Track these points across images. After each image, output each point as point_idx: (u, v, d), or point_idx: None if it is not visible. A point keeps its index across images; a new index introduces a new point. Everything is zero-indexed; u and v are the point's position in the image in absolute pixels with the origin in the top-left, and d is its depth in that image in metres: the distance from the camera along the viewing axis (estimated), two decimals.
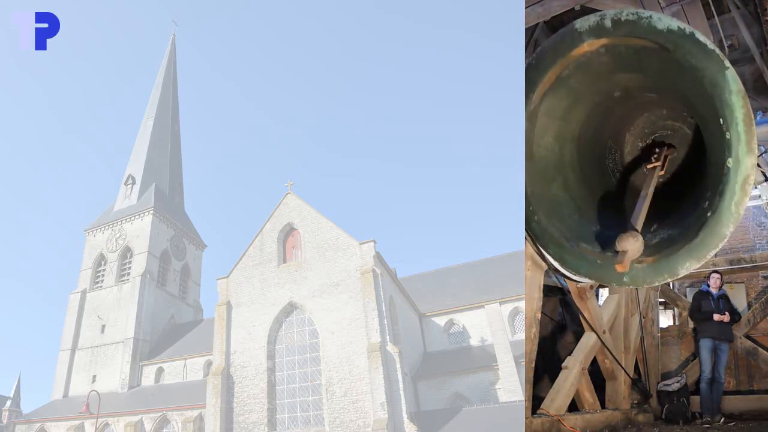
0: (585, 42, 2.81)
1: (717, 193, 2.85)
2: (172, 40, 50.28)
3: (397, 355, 20.93)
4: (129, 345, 31.16)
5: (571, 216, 3.54)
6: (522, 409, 6.58)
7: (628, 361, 7.94)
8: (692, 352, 9.32)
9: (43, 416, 29.74)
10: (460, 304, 28.11)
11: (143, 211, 36.46)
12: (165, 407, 26.29)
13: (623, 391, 7.69)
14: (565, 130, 3.33)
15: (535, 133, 3.27)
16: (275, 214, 26.55)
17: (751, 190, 2.73)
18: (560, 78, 3.01)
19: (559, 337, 8.38)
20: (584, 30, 2.79)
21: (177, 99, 47.34)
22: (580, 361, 6.94)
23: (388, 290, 23.44)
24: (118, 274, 34.87)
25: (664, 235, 3.31)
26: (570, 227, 3.54)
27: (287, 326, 24.04)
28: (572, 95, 3.12)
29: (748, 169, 2.65)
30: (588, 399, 7.13)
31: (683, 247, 3.07)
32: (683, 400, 8.21)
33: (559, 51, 2.92)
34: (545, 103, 3.15)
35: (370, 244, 23.43)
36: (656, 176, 3.41)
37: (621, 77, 3.07)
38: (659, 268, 3.20)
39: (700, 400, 8.06)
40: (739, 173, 2.68)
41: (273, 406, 22.43)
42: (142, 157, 40.90)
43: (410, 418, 20.02)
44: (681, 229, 3.17)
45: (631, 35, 2.66)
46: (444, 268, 34.05)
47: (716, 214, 2.85)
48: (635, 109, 3.51)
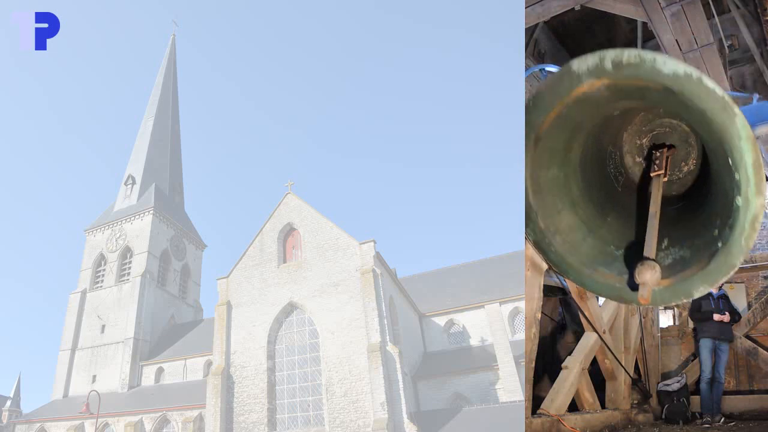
0: (584, 83, 2.77)
1: (727, 226, 2.91)
2: (172, 40, 50.31)
3: (397, 355, 20.93)
4: (129, 345, 31.16)
5: (584, 240, 3.57)
6: (522, 409, 6.58)
7: (628, 361, 7.94)
8: (692, 352, 9.32)
9: (43, 416, 29.74)
10: (460, 304, 28.12)
11: (143, 211, 36.46)
12: (165, 407, 26.28)
13: (623, 391, 7.69)
14: (568, 158, 3.36)
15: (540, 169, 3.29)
16: (275, 214, 26.55)
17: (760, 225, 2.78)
18: (559, 116, 3.01)
19: (559, 337, 8.37)
20: (582, 72, 2.74)
21: (177, 99, 47.37)
22: (580, 361, 6.93)
23: (388, 290, 23.44)
24: (118, 274, 34.87)
25: (676, 257, 3.38)
26: (585, 253, 3.58)
27: (287, 326, 24.04)
28: (572, 126, 3.12)
29: (758, 209, 2.69)
30: (588, 399, 7.13)
31: (697, 272, 3.19)
32: (683, 400, 8.20)
33: (556, 92, 2.90)
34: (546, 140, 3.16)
35: (370, 244, 23.43)
36: (661, 186, 3.42)
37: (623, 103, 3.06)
38: (676, 290, 3.33)
39: (700, 400, 8.05)
40: (749, 212, 2.73)
41: (273, 406, 22.43)
42: (142, 157, 40.91)
43: (410, 418, 20.02)
44: (692, 252, 3.26)
45: (633, 77, 2.61)
46: (444, 268, 34.08)
47: (726, 247, 2.95)
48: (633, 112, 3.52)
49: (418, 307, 28.57)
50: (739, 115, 2.52)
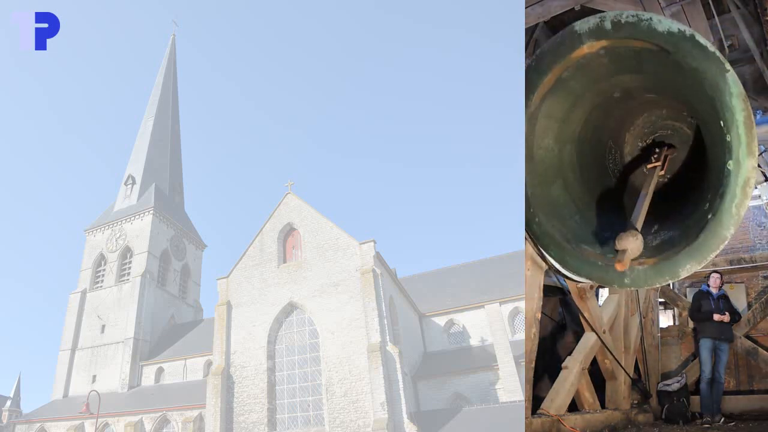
0: (585, 44, 2.80)
1: (717, 195, 2.84)
2: (172, 40, 50.30)
3: (397, 355, 20.93)
4: (129, 345, 31.16)
5: (571, 217, 3.54)
6: (522, 409, 6.58)
7: (628, 361, 7.94)
8: (692, 352, 9.32)
9: (43, 416, 29.74)
10: (460, 304, 28.11)
11: (143, 211, 36.45)
12: (165, 407, 26.28)
13: (623, 391, 7.69)
14: (565, 132, 3.33)
15: (535, 135, 3.26)
16: (275, 214, 26.55)
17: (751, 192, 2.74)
18: (560, 80, 3.01)
19: (559, 337, 8.37)
20: (584, 32, 2.78)
21: (177, 99, 47.35)
22: (580, 361, 6.94)
23: (388, 290, 23.44)
24: (118, 274, 34.87)
25: (665, 237, 3.31)
26: (571, 229, 3.54)
27: (287, 326, 24.04)
28: (572, 97, 3.12)
29: (749, 172, 2.65)
30: (588, 399, 7.13)
31: (684, 248, 3.08)
32: (683, 400, 8.21)
33: (558, 53, 2.91)
34: (545, 105, 3.15)
35: (370, 244, 23.43)
36: (656, 176, 3.41)
37: (621, 78, 3.06)
38: (660, 269, 3.21)
39: (700, 400, 8.06)
40: (740, 175, 2.68)
41: (273, 406, 22.43)
42: (142, 157, 40.90)
43: (410, 418, 20.02)
44: (682, 231, 3.17)
45: (631, 37, 2.64)
46: (444, 268, 34.07)
47: (717, 216, 2.85)
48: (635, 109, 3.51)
49: (418, 307, 28.57)
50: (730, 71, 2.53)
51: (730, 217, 2.82)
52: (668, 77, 2.89)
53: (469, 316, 27.74)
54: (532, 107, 3.13)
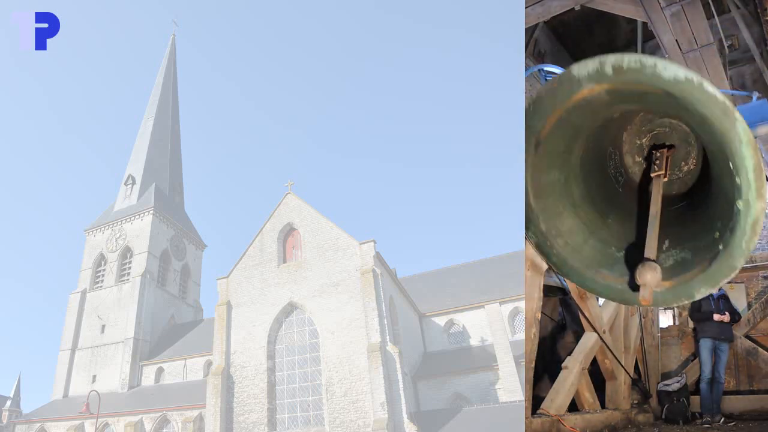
0: (584, 88, 2.76)
1: (728, 229, 2.91)
2: (172, 40, 50.31)
3: (397, 355, 20.93)
4: (129, 345, 31.16)
5: (586, 242, 3.57)
6: (522, 409, 6.58)
7: (628, 361, 7.94)
8: (692, 352, 9.31)
9: (43, 416, 29.74)
10: (460, 304, 28.12)
11: (143, 211, 36.46)
12: (165, 407, 26.29)
13: (623, 391, 7.69)
14: (568, 161, 3.35)
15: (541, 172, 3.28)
16: (275, 214, 26.55)
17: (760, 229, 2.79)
18: (559, 120, 3.00)
19: (559, 337, 8.37)
20: (583, 77, 2.73)
21: (177, 99, 47.36)
22: (580, 361, 6.93)
23: (388, 290, 23.44)
24: (118, 274, 34.87)
25: (677, 258, 3.38)
26: (587, 255, 3.58)
27: (287, 326, 24.04)
28: (572, 130, 3.12)
29: (758, 213, 2.70)
30: (588, 399, 7.13)
31: (698, 275, 3.18)
32: (683, 400, 8.20)
33: (556, 97, 2.89)
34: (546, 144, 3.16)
35: (370, 244, 23.43)
36: (661, 187, 3.42)
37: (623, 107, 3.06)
38: (677, 292, 3.33)
39: (700, 400, 8.05)
40: (749, 216, 2.73)
41: (273, 406, 22.44)
42: (142, 157, 40.91)
43: (410, 418, 20.03)
44: (693, 254, 3.27)
45: (634, 82, 2.60)
46: (444, 268, 34.08)
47: (727, 250, 2.96)
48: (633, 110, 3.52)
49: (418, 307, 28.57)
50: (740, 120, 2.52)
51: (741, 252, 2.92)
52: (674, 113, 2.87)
53: (469, 316, 27.75)
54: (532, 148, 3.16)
